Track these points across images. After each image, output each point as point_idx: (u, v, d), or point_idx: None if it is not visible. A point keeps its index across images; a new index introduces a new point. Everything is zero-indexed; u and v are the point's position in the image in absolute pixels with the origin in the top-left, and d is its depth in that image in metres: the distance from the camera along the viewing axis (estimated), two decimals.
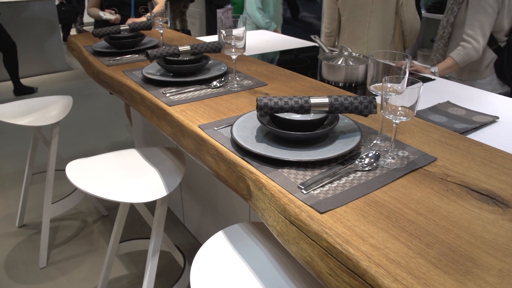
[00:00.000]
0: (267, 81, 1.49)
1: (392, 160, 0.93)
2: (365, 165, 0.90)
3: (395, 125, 0.91)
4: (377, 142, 1.02)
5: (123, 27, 1.92)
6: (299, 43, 2.67)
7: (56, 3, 5.40)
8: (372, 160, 0.91)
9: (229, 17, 1.31)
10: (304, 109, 0.98)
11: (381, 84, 0.93)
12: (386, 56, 0.96)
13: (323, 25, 2.52)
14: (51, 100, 2.15)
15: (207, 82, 1.46)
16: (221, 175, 1.02)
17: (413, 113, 0.88)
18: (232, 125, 1.06)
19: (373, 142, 1.02)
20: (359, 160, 0.92)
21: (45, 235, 2.05)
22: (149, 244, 1.46)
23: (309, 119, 1.00)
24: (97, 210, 2.51)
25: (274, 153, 0.93)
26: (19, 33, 4.83)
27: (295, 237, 0.77)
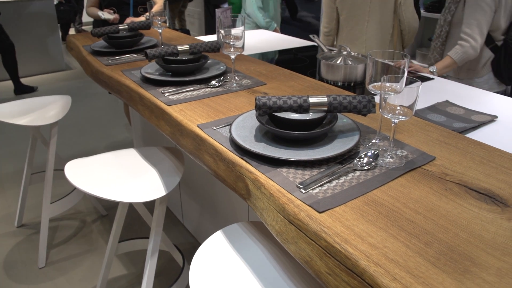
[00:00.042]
0: (266, 80, 1.49)
1: (390, 159, 0.93)
2: (364, 165, 0.90)
3: (393, 125, 0.91)
4: (376, 141, 1.02)
5: (121, 27, 1.92)
6: (298, 42, 2.67)
7: (54, 2, 5.39)
8: (371, 159, 0.91)
9: (228, 16, 1.31)
10: (303, 108, 0.98)
11: (379, 83, 0.93)
12: (385, 55, 0.96)
13: (322, 24, 2.52)
14: (49, 99, 2.14)
15: (206, 81, 1.46)
16: (220, 175, 1.02)
17: (412, 112, 0.88)
18: (231, 124, 1.06)
19: (372, 141, 1.02)
20: (358, 159, 0.92)
21: (44, 235, 2.05)
22: (148, 243, 1.46)
23: (307, 118, 1.00)
24: (96, 209, 2.51)
25: (273, 152, 0.93)
26: (18, 33, 4.83)
27: (294, 237, 0.77)
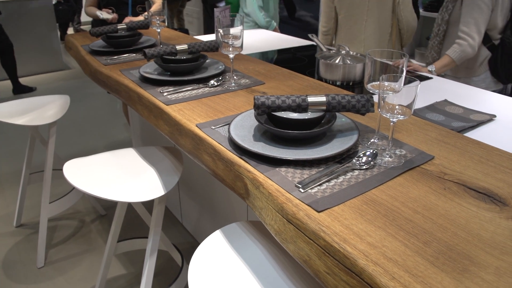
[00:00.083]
0: (265, 80, 1.49)
1: (389, 158, 0.93)
2: (363, 164, 0.90)
3: (392, 124, 0.91)
4: (375, 140, 1.02)
5: (120, 26, 1.92)
6: (297, 41, 2.67)
7: (53, 2, 5.38)
8: (369, 158, 0.91)
9: (227, 16, 1.31)
10: (301, 108, 0.98)
11: (378, 82, 0.93)
12: (383, 54, 0.96)
13: (320, 23, 2.52)
14: (48, 99, 2.14)
15: (205, 81, 1.46)
16: (219, 174, 1.02)
17: (411, 111, 0.88)
18: (229, 124, 1.06)
19: (371, 140, 1.02)
20: (357, 158, 0.92)
21: (43, 235, 2.05)
22: (147, 243, 1.46)
23: (306, 118, 1.00)
24: (94, 209, 2.50)
25: (271, 152, 0.93)
26: (16, 32, 4.82)
27: (293, 236, 0.77)
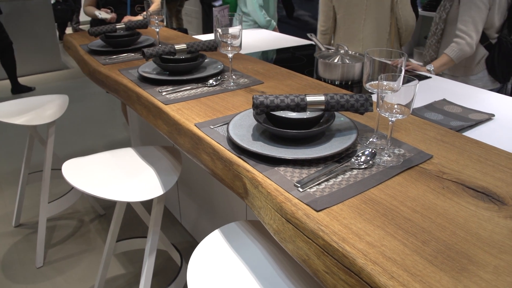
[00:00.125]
0: (263, 79, 1.49)
1: (388, 158, 0.93)
2: (361, 163, 0.90)
3: (391, 123, 0.91)
4: (373, 140, 1.02)
5: (119, 26, 1.92)
6: (295, 41, 2.67)
7: (52, 1, 5.37)
8: (368, 158, 0.91)
9: (225, 15, 1.31)
10: (300, 107, 0.98)
11: (377, 82, 0.93)
12: (382, 54, 0.96)
13: (319, 23, 2.52)
14: (47, 99, 2.14)
15: (203, 80, 1.46)
16: (218, 174, 1.02)
17: (409, 111, 0.88)
18: (228, 123, 1.06)
19: (369, 140, 1.02)
20: (355, 158, 0.92)
21: (42, 235, 2.05)
22: (146, 243, 1.46)
23: (305, 117, 1.00)
24: (93, 209, 2.50)
25: (270, 151, 0.93)
26: (15, 32, 4.81)
27: (292, 235, 0.77)
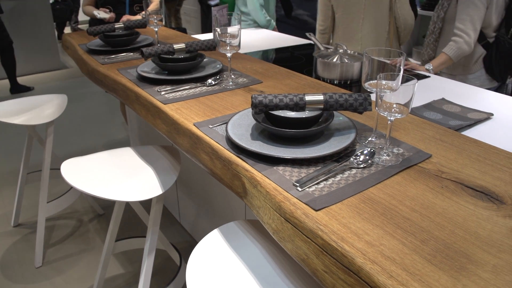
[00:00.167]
0: (262, 78, 1.49)
1: (387, 157, 0.93)
2: (360, 162, 0.90)
3: (390, 122, 0.91)
4: (372, 139, 1.02)
5: (117, 25, 1.91)
6: (294, 40, 2.67)
7: (50, 1, 5.37)
8: (367, 157, 0.91)
9: (224, 15, 1.31)
10: (299, 106, 0.98)
11: (376, 81, 0.93)
12: (381, 53, 0.96)
13: (318, 22, 2.52)
14: (45, 98, 2.13)
15: (202, 80, 1.46)
16: (217, 173, 1.02)
17: (408, 110, 0.88)
18: (227, 123, 1.06)
19: (368, 139, 1.02)
20: (354, 157, 0.92)
21: (41, 234, 2.05)
22: (145, 242, 1.46)
23: (304, 116, 1.00)
24: (92, 209, 2.50)
25: (269, 150, 0.93)
26: (13, 32, 4.80)
27: (291, 235, 0.77)
